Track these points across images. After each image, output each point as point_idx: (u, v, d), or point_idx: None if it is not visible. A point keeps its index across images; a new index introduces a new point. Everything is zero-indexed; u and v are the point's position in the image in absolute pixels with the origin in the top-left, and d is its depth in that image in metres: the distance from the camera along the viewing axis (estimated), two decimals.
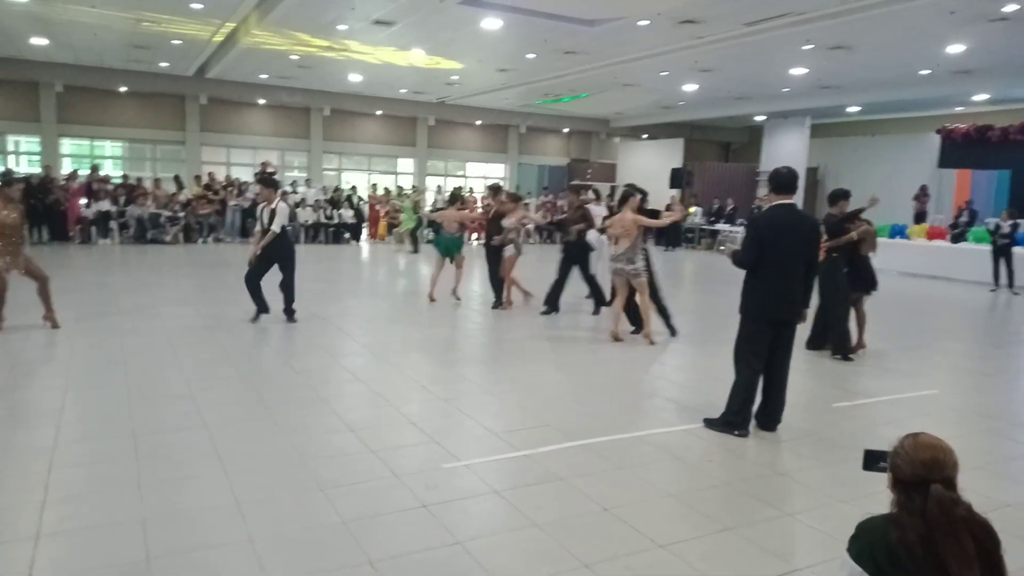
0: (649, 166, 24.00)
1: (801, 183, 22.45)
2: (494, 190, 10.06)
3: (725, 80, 16.84)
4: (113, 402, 4.90)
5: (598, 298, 8.97)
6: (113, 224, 15.78)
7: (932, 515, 1.73)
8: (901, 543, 1.74)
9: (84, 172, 16.97)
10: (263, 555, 2.94)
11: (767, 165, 20.82)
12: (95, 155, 19.71)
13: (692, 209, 21.64)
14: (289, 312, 7.72)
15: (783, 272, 4.61)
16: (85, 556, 2.90)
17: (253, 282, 7.54)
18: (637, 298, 7.52)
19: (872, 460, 2.05)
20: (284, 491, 3.60)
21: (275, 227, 7.43)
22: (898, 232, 16.79)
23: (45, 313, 6.96)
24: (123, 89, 19.01)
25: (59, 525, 3.14)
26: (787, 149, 20.72)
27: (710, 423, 4.77)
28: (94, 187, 16.03)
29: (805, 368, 6.69)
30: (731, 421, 4.68)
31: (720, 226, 20.63)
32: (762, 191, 19.73)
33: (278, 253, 7.59)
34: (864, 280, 7.12)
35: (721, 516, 3.52)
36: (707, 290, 12.56)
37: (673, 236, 20.52)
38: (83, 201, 15.81)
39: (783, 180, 4.73)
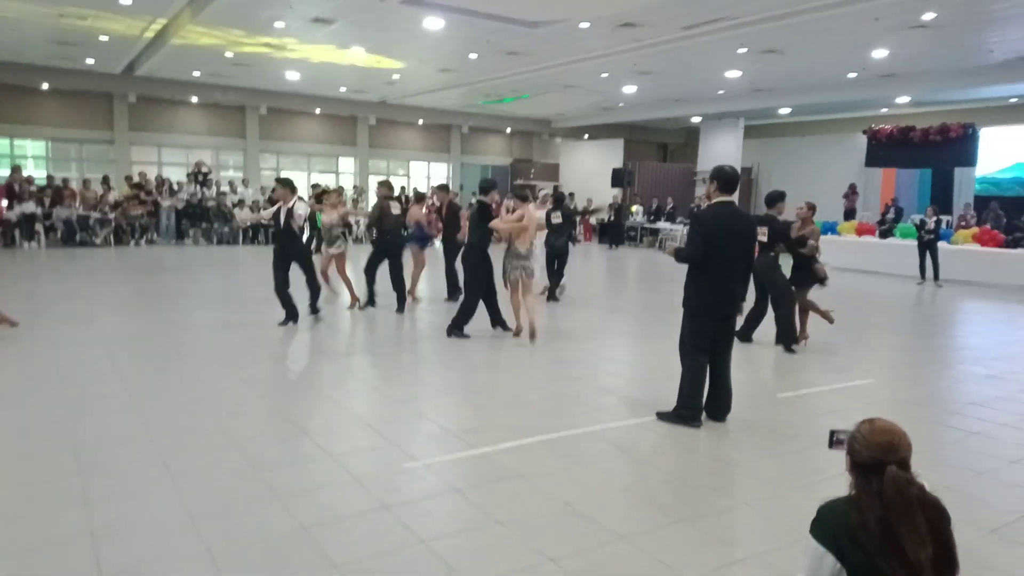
0: (591, 166, 24.36)
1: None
2: (442, 189, 10.35)
3: (663, 82, 17.22)
4: (51, 417, 4.67)
5: (400, 295, 8.81)
6: (39, 227, 15.05)
7: (888, 495, 1.82)
8: (860, 524, 1.83)
9: (4, 173, 16.12)
10: (222, 566, 2.86)
11: (704, 165, 21.38)
12: (16, 155, 18.73)
13: (634, 208, 22.05)
14: (315, 308, 7.98)
15: (725, 268, 4.74)
16: (32, 573, 2.77)
17: (282, 290, 7.68)
18: (514, 297, 7.33)
19: (837, 440, 2.13)
20: (239, 501, 3.50)
21: (296, 225, 7.79)
22: (829, 229, 17.46)
23: None
24: (46, 86, 18.13)
25: (4, 546, 2.99)
26: (722, 150, 21.32)
27: (662, 416, 4.88)
28: (16, 188, 15.25)
29: (749, 360, 6.91)
30: (683, 414, 4.79)
31: (661, 224, 21.06)
32: (700, 190, 20.26)
33: (298, 254, 7.89)
34: (811, 276, 7.40)
35: (678, 507, 3.61)
36: (651, 287, 12.81)
37: (616, 234, 20.87)
38: (4, 203, 15.02)
39: (728, 179, 4.84)
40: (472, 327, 7.45)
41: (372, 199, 20.09)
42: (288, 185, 7.91)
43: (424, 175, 25.42)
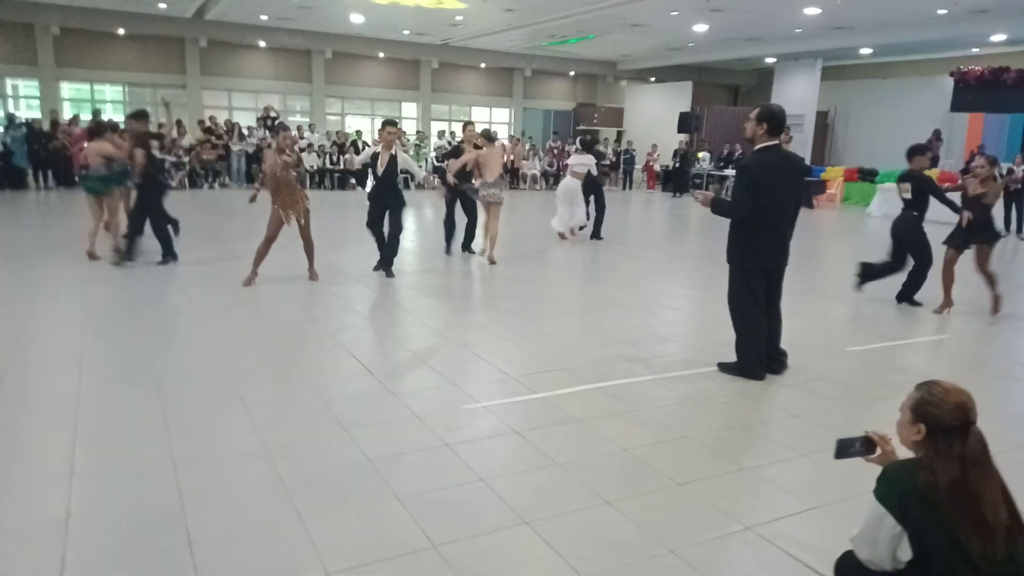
0: (656, 110, 23.65)
1: (810, 127, 22.12)
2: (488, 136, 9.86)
3: (736, 20, 16.43)
4: (133, 349, 4.96)
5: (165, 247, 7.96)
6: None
7: (974, 455, 1.77)
8: (932, 486, 1.77)
9: (86, 117, 16.74)
10: (293, 493, 3.02)
11: None
12: (96, 100, 19.43)
13: (700, 155, 21.40)
14: (388, 264, 7.58)
15: (774, 217, 4.49)
16: (120, 497, 2.98)
17: (376, 228, 7.64)
18: (488, 223, 8.53)
19: (844, 448, 2.10)
20: (309, 433, 3.67)
21: (416, 171, 8.17)
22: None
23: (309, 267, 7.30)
24: (121, 31, 18.61)
25: (91, 467, 3.21)
26: (797, 92, 20.35)
27: (724, 367, 4.81)
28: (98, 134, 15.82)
29: (821, 312, 6.73)
30: (744, 369, 4.71)
31: (729, 172, 20.42)
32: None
33: (395, 202, 7.53)
34: (983, 230, 6.69)
35: (738, 456, 3.59)
36: (711, 236, 12.51)
37: (680, 182, 20.37)
38: (87, 145, 15.63)
39: (779, 120, 4.44)
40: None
41: (433, 144, 20.16)
42: (393, 126, 7.54)
43: (486, 121, 25.20)
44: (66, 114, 17.57)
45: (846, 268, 7.31)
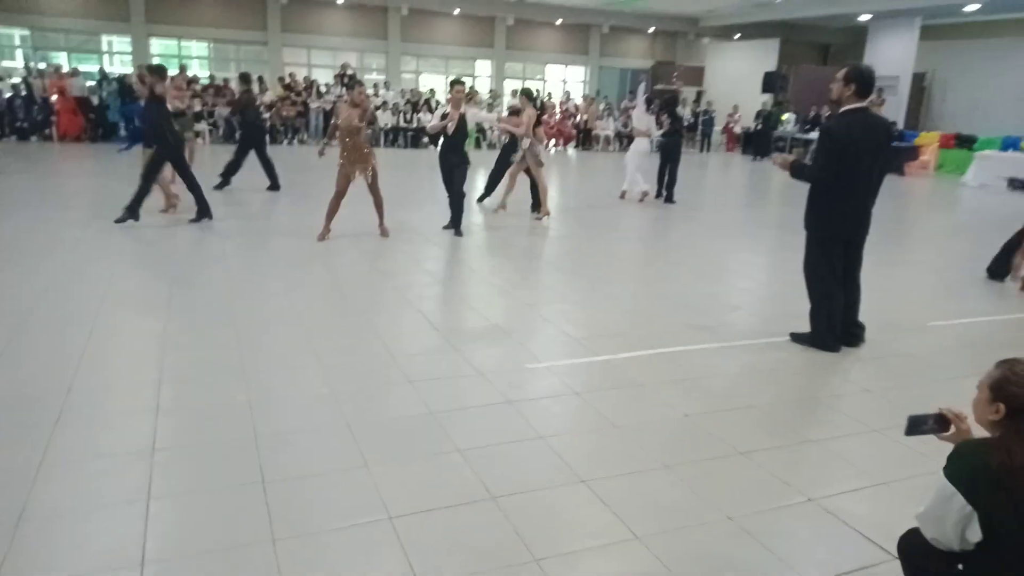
0: (740, 70, 22.75)
1: (905, 90, 20.86)
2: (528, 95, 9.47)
3: None
4: (216, 296, 5.20)
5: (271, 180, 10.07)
6: (203, 125, 16.23)
7: None
8: (1008, 468, 1.70)
9: (172, 72, 17.35)
10: (359, 439, 3.13)
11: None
12: (183, 55, 20.11)
13: (784, 116, 20.52)
14: (457, 224, 7.59)
15: (857, 185, 4.28)
16: (200, 430, 3.17)
17: (448, 187, 7.65)
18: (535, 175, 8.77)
19: (916, 425, 2.01)
20: (375, 382, 3.79)
21: (488, 119, 8.97)
22: (1011, 144, 15.53)
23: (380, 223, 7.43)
24: None
25: (175, 402, 3.42)
26: (893, 52, 19.20)
27: (797, 338, 4.68)
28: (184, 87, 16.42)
29: (909, 285, 6.44)
30: (818, 341, 4.56)
31: (815, 135, 19.52)
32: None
33: (459, 160, 7.51)
34: None
35: (804, 428, 3.51)
36: (789, 201, 12.04)
37: (762, 145, 19.64)
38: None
39: (868, 82, 4.20)
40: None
41: (506, 103, 20.02)
42: (460, 84, 7.51)
43: (560, 79, 24.80)
44: None
45: (935, 239, 6.94)
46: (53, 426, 3.12)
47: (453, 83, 7.54)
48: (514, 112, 9.23)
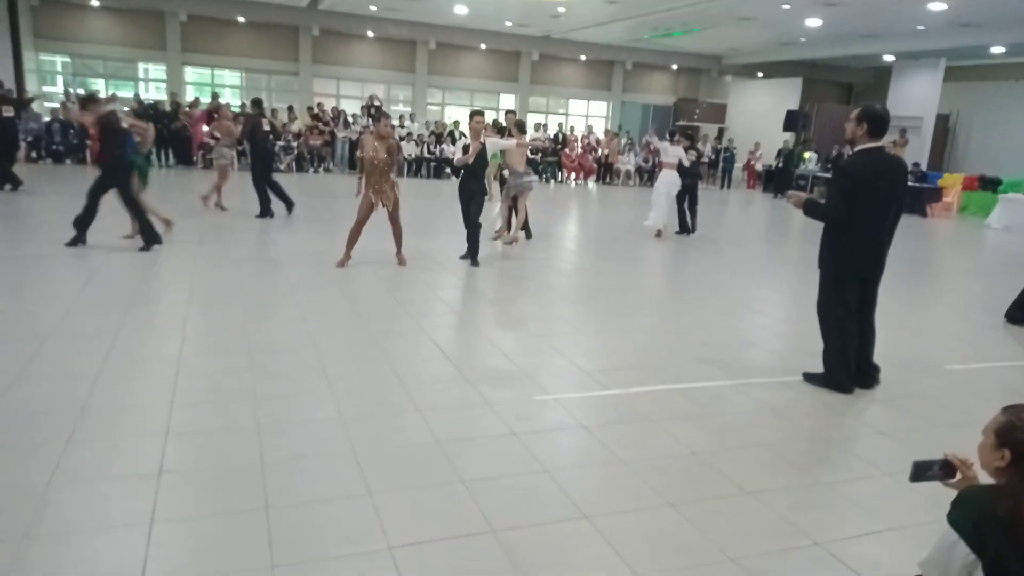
0: (762, 107, 22.84)
1: (929, 130, 20.78)
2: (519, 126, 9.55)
3: (853, 14, 15.62)
4: (231, 320, 5.28)
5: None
6: (233, 151, 16.57)
7: None
8: (1012, 516, 1.67)
9: (206, 100, 17.83)
10: (364, 465, 3.14)
11: (895, 109, 19.24)
12: (216, 84, 20.64)
13: (806, 155, 20.50)
14: (474, 255, 7.71)
15: (873, 223, 4.26)
16: (208, 455, 3.19)
17: (465, 218, 7.75)
18: (518, 204, 8.87)
19: (921, 471, 1.97)
20: (384, 409, 3.80)
21: (505, 144, 8.15)
22: None
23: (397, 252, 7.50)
24: (241, 19, 19.68)
25: (185, 426, 3.46)
26: (917, 93, 19.18)
27: (810, 378, 4.63)
28: (215, 115, 16.83)
29: (924, 327, 6.36)
30: (831, 381, 4.50)
31: None
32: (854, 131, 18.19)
33: (477, 188, 7.66)
34: None
35: (815, 470, 3.46)
36: (813, 240, 11.97)
37: (783, 183, 19.60)
38: (205, 128, 16.67)
39: (882, 121, 4.21)
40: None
41: (530, 136, 20.23)
42: (480, 115, 7.64)
43: (583, 113, 25.05)
44: (187, 97, 18.76)
45: (955, 280, 6.85)
46: (65, 444, 3.17)
47: (472, 114, 7.70)
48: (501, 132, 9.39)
